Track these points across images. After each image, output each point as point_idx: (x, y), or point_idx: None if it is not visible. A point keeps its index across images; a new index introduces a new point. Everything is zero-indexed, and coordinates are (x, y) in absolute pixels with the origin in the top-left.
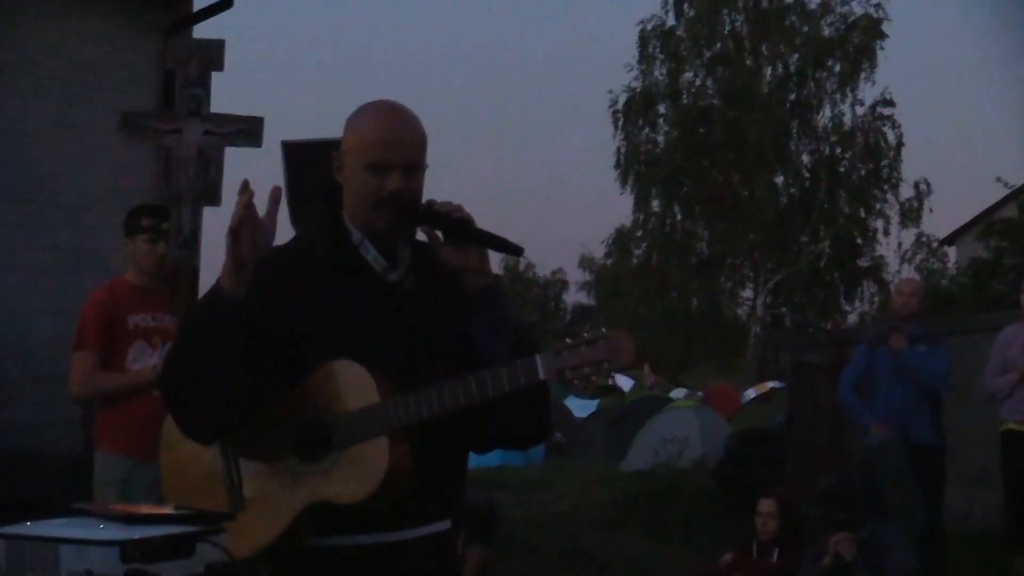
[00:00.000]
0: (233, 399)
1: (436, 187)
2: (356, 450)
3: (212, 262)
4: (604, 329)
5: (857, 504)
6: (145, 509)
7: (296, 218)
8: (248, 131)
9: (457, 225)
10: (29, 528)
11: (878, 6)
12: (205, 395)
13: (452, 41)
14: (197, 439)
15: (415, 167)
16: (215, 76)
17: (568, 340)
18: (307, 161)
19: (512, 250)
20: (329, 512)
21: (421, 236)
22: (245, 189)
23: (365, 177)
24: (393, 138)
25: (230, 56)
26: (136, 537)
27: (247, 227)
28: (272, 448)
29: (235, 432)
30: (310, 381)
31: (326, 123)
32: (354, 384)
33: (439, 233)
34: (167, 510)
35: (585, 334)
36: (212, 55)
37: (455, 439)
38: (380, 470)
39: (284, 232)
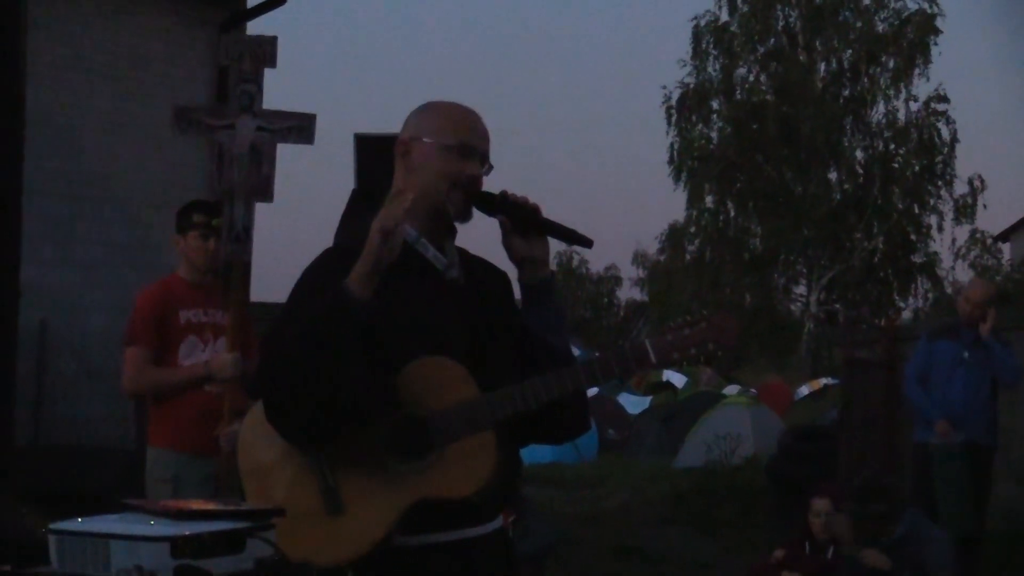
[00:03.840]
0: (361, 401)
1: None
2: (461, 445)
3: (263, 258)
4: (705, 311)
5: (894, 496)
6: (195, 505)
7: (351, 213)
8: (300, 128)
9: (531, 215)
10: (79, 524)
11: (932, 2)
12: (330, 398)
13: (505, 37)
14: (303, 441)
15: (487, 160)
16: (268, 72)
17: (671, 324)
18: (379, 155)
19: (583, 242)
20: (422, 510)
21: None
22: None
23: (447, 159)
24: (478, 127)
25: (283, 52)
26: (186, 533)
27: (401, 229)
28: (365, 447)
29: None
30: (400, 378)
31: (377, 119)
32: (451, 380)
33: (509, 222)
34: (217, 506)
35: (687, 317)
36: (265, 51)
37: (510, 433)
38: (490, 464)
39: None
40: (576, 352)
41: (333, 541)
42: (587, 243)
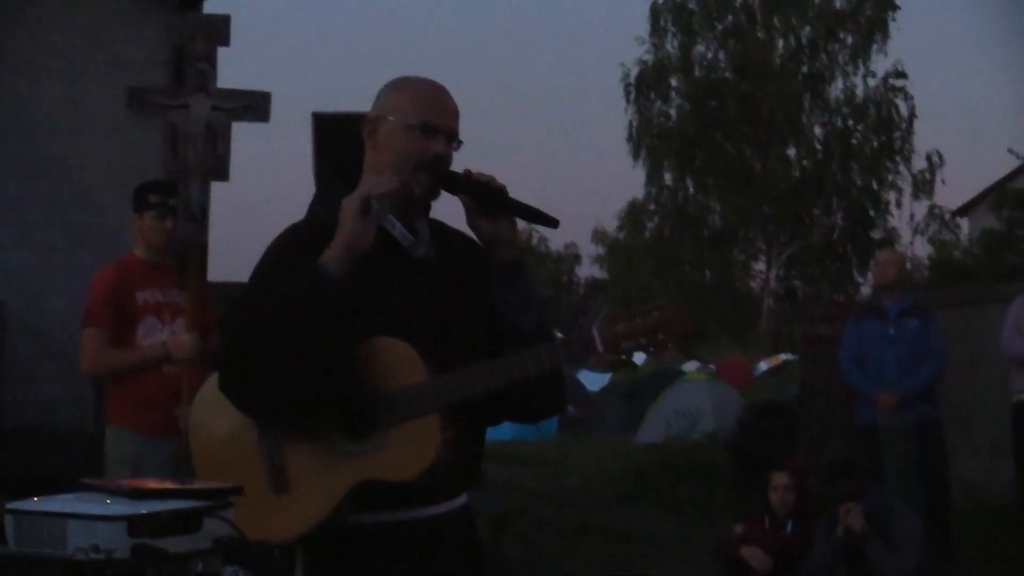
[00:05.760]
0: (337, 378)
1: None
2: (406, 428)
3: (221, 237)
4: (658, 300)
5: (862, 475)
6: (152, 484)
7: (324, 190)
8: (255, 106)
9: (495, 195)
10: (36, 504)
11: None
12: (300, 375)
13: (463, 13)
14: (261, 415)
15: (455, 137)
16: (223, 51)
17: (622, 312)
18: (337, 133)
19: (547, 221)
20: (371, 490)
21: (439, 214)
22: None
23: (411, 138)
24: (443, 104)
25: (238, 31)
26: (143, 512)
27: (386, 205)
28: (313, 427)
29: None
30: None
31: (334, 97)
32: (400, 362)
33: (473, 202)
34: (174, 485)
35: (638, 307)
36: (218, 30)
37: (479, 413)
38: (432, 448)
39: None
40: None
41: (277, 519)
42: (552, 223)
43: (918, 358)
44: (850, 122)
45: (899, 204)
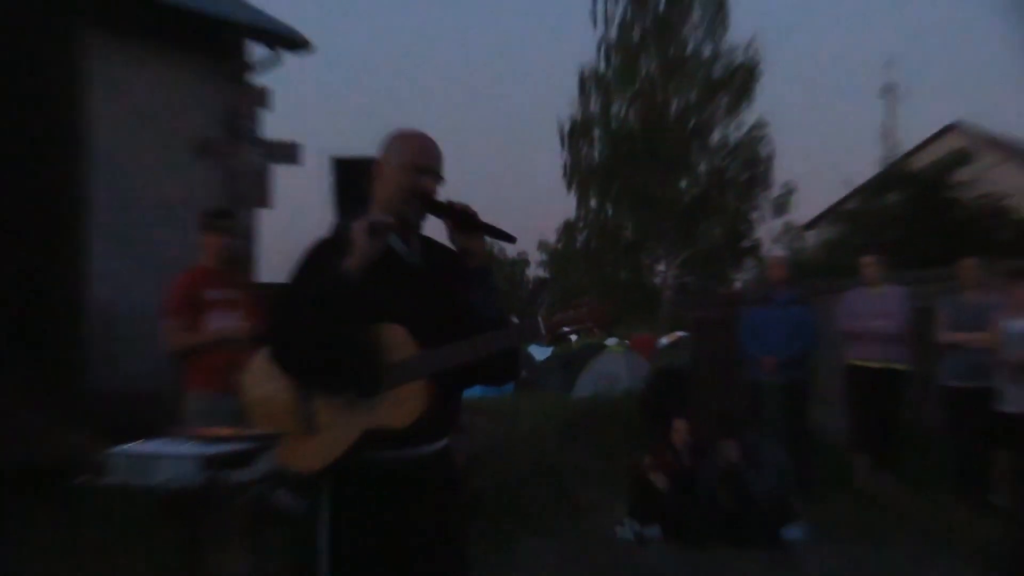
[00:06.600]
0: (353, 352)
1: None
2: (402, 389)
3: (266, 249)
4: (586, 297)
5: (738, 421)
6: (216, 432)
7: (341, 214)
8: (289, 153)
9: (469, 218)
10: (139, 447)
11: (754, 56)
12: (330, 349)
13: (449, 78)
14: (300, 377)
15: (439, 176)
16: (265, 113)
17: (564, 307)
18: (350, 172)
19: (507, 238)
20: (376, 434)
21: (430, 232)
22: None
23: (407, 175)
24: (432, 151)
25: (276, 93)
26: (212, 452)
27: (388, 229)
28: (335, 387)
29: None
30: None
31: (347, 144)
32: (397, 342)
33: (452, 223)
34: (234, 432)
35: (575, 302)
36: (261, 98)
37: (457, 379)
38: (421, 405)
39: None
40: None
41: (309, 453)
42: (511, 239)
43: (795, 334)
44: (726, 161)
45: (763, 221)
